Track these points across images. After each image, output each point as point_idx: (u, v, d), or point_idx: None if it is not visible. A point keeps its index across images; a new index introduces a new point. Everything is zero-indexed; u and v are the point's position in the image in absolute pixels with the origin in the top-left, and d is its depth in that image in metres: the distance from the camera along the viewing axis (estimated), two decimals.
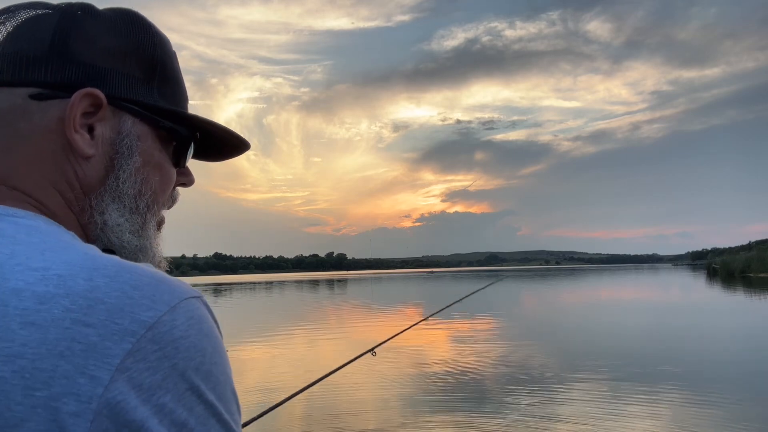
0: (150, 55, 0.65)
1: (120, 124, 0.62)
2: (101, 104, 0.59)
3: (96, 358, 0.43)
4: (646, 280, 56.73)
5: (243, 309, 28.66)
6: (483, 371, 9.48)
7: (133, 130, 0.62)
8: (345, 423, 6.52)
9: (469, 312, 20.21)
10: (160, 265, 0.67)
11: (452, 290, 41.27)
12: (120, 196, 0.61)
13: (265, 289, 54.68)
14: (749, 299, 25.31)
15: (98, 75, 0.60)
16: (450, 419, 6.55)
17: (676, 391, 7.56)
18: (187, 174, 0.73)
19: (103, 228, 0.61)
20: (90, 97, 0.58)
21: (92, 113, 0.59)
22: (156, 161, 0.66)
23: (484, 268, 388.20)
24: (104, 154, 0.61)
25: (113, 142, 0.61)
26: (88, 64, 0.59)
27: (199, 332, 0.48)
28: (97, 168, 0.60)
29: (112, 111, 0.61)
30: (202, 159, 0.77)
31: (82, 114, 0.58)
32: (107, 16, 0.63)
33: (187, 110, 0.71)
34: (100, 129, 0.60)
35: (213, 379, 0.48)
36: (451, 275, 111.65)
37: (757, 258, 59.11)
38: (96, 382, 0.43)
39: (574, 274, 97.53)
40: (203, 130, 0.71)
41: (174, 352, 0.46)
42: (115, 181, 0.61)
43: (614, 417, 6.43)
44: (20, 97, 0.57)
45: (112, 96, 0.60)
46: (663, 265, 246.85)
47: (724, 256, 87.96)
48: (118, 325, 0.45)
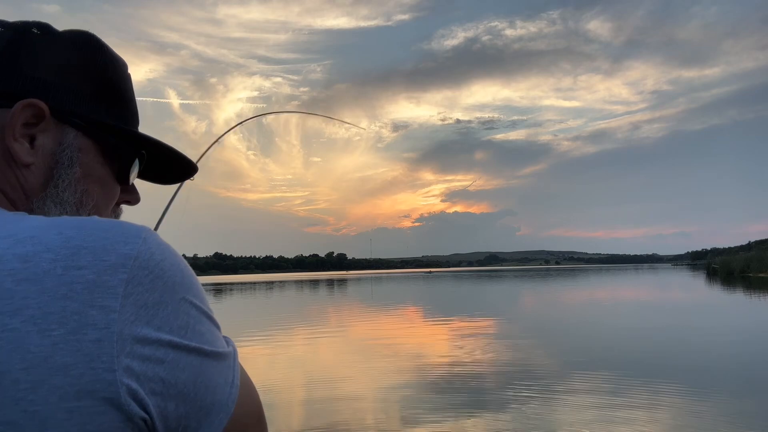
0: (99, 73, 0.67)
1: (62, 136, 0.64)
2: (43, 115, 0.61)
3: (100, 292, 0.49)
4: (645, 280, 56.65)
5: (242, 309, 28.63)
6: (483, 371, 9.47)
7: (74, 142, 0.65)
8: (345, 423, 6.52)
9: (469, 312, 20.18)
10: None
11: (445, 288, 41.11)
12: (62, 202, 0.64)
13: (265, 289, 54.63)
14: (749, 299, 25.29)
15: (43, 88, 0.63)
16: (450, 419, 6.56)
17: (676, 391, 7.55)
18: (133, 192, 0.75)
19: None
20: (32, 107, 0.61)
21: (34, 124, 0.62)
22: (97, 175, 0.68)
23: (484, 268, 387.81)
24: (44, 163, 0.63)
25: (54, 152, 0.63)
26: (34, 78, 0.62)
27: (171, 255, 0.55)
28: (37, 175, 0.63)
29: (55, 123, 0.63)
30: (150, 180, 0.80)
31: (23, 124, 0.61)
32: (62, 35, 0.67)
33: (136, 130, 0.73)
34: (42, 139, 0.62)
35: (195, 288, 0.56)
36: (451, 275, 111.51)
37: (756, 258, 59.08)
38: (108, 310, 0.48)
39: (574, 274, 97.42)
40: (149, 149, 0.73)
41: (161, 272, 0.53)
42: (55, 189, 0.64)
43: (614, 417, 6.42)
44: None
45: (55, 108, 0.63)
46: (663, 265, 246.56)
47: (723, 256, 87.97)
48: (107, 262, 0.50)
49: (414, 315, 21.97)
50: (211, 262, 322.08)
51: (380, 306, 27.37)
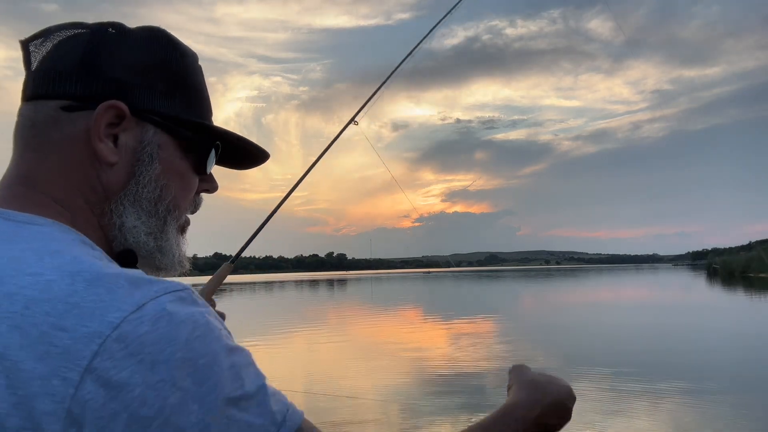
0: (173, 70, 0.70)
1: (142, 134, 0.66)
2: (124, 115, 0.64)
3: (68, 360, 0.46)
4: (646, 280, 56.63)
5: (243, 309, 28.59)
6: (483, 371, 9.43)
7: (154, 139, 0.67)
8: (345, 423, 6.47)
9: (469, 312, 20.14)
10: (182, 264, 0.73)
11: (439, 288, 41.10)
12: (139, 200, 0.66)
13: (265, 290, 54.60)
14: (749, 299, 25.25)
15: (123, 88, 0.65)
16: (449, 419, 6.51)
17: (677, 391, 7.52)
18: (210, 181, 0.78)
19: (121, 229, 0.66)
20: (114, 108, 0.63)
21: (116, 124, 0.64)
22: (176, 169, 0.70)
23: (484, 268, 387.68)
24: (127, 161, 0.66)
25: (135, 150, 0.66)
26: (114, 78, 0.65)
27: (168, 324, 0.49)
28: (120, 174, 0.65)
29: (135, 122, 0.66)
30: (227, 167, 0.83)
31: (107, 124, 0.64)
32: (136, 34, 0.69)
33: (211, 121, 0.75)
34: (124, 138, 0.65)
35: (189, 364, 0.49)
36: (451, 275, 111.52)
37: (757, 258, 58.89)
38: (68, 383, 0.46)
39: (574, 274, 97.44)
40: (224, 140, 0.76)
41: (139, 347, 0.47)
42: (135, 186, 0.66)
43: (614, 417, 6.39)
44: (53, 109, 0.64)
45: (135, 108, 0.65)
46: (663, 265, 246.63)
47: (724, 256, 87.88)
48: (88, 328, 0.47)
49: (414, 315, 21.92)
50: (211, 262, 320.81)
51: (380, 306, 27.33)
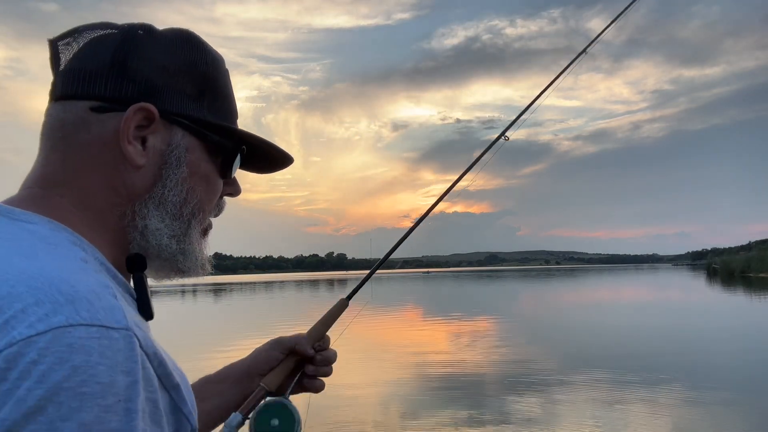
0: (202, 73, 0.69)
1: (170, 137, 0.66)
2: (154, 118, 0.64)
3: None
4: (645, 280, 56.64)
5: (242, 308, 28.61)
6: (483, 371, 9.46)
7: (182, 142, 0.67)
8: (345, 423, 6.50)
9: (469, 312, 20.17)
10: (204, 267, 0.73)
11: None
12: (164, 203, 0.66)
13: (264, 290, 54.59)
14: (749, 299, 25.28)
15: (152, 91, 0.65)
16: (450, 419, 6.53)
17: (677, 391, 7.55)
18: (234, 185, 0.78)
19: (143, 231, 0.65)
20: (143, 111, 0.63)
21: (145, 126, 0.64)
22: (203, 172, 0.70)
23: (484, 268, 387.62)
24: (154, 164, 0.66)
25: (163, 153, 0.66)
26: (144, 81, 0.65)
27: (58, 362, 0.44)
28: (146, 177, 0.65)
29: (164, 124, 0.66)
30: (250, 170, 0.83)
31: (136, 127, 0.63)
32: (165, 36, 0.69)
33: (236, 125, 0.75)
34: (152, 141, 0.65)
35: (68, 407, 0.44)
36: (451, 275, 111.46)
37: (757, 258, 59.01)
38: None
39: (574, 274, 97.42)
40: (249, 144, 0.76)
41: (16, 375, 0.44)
42: (162, 189, 0.66)
43: (614, 416, 6.41)
44: (82, 110, 0.63)
45: (164, 110, 0.65)
46: (663, 265, 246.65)
47: (724, 256, 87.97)
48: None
49: (414, 315, 21.94)
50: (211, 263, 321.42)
51: (381, 306, 27.37)
